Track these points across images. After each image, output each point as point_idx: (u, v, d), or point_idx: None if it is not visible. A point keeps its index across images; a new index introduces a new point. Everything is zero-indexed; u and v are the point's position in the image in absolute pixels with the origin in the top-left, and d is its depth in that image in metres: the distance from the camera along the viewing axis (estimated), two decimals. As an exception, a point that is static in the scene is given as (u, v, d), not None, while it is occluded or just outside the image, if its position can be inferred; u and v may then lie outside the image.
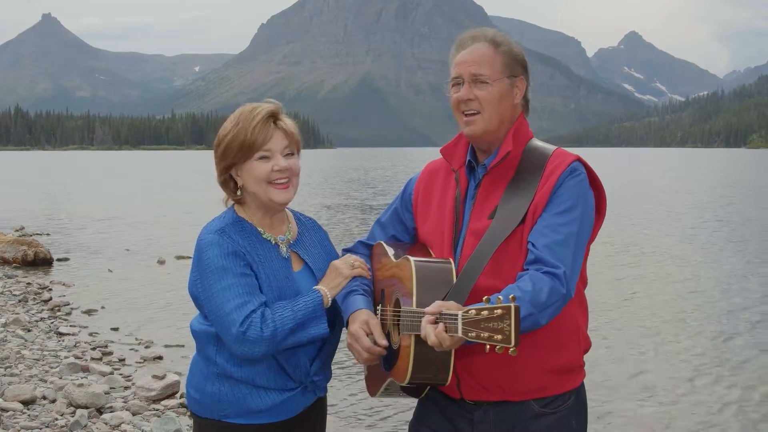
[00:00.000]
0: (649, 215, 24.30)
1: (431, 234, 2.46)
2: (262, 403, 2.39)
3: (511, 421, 2.34)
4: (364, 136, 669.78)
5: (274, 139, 2.38)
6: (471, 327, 1.96)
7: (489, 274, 2.25)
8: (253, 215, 2.47)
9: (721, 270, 14.01)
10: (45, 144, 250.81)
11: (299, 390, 2.44)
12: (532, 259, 2.24)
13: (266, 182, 2.38)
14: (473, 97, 2.34)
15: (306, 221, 2.65)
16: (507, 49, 2.39)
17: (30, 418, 5.88)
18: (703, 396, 7.03)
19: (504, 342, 1.92)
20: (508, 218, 2.28)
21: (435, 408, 2.47)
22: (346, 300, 2.46)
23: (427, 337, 2.08)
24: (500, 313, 1.93)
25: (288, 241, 2.50)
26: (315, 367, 2.47)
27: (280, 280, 2.40)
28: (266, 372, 2.39)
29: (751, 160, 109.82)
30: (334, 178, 50.06)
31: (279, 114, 2.43)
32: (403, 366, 2.26)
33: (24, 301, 10.74)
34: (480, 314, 1.95)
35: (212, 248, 2.35)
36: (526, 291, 2.13)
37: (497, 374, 2.30)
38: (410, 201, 2.58)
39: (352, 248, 2.66)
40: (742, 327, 9.57)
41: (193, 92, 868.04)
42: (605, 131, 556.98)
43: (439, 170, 2.55)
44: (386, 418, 6.30)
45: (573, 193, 2.29)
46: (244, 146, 2.37)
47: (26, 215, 24.05)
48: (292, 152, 2.43)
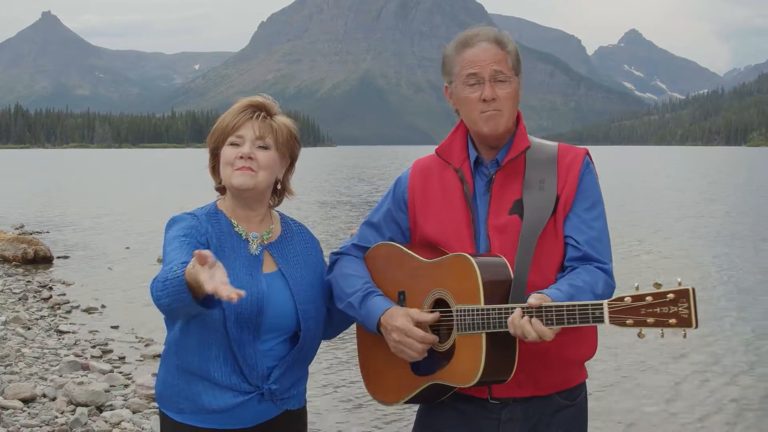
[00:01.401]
0: (646, 212, 24.30)
1: (441, 232, 2.43)
2: (215, 402, 2.37)
3: (537, 416, 2.36)
4: (363, 135, 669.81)
5: (246, 127, 2.42)
6: (627, 314, 1.97)
7: (532, 268, 2.27)
8: (228, 206, 2.50)
9: (720, 267, 14.00)
10: (45, 142, 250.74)
11: (255, 396, 2.39)
12: (579, 256, 2.30)
13: (231, 167, 2.42)
14: (496, 96, 2.34)
15: (295, 227, 2.63)
16: (513, 48, 2.42)
17: (30, 416, 5.89)
18: (703, 395, 7.04)
19: (682, 325, 1.92)
20: (537, 212, 2.30)
21: (452, 413, 2.42)
22: (365, 302, 2.41)
23: (525, 333, 2.08)
24: (673, 297, 1.92)
25: (263, 240, 2.49)
26: (275, 374, 2.41)
27: (241, 276, 2.38)
28: (222, 367, 2.37)
29: (751, 159, 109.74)
30: (339, 177, 50.04)
31: (267, 108, 2.47)
32: (465, 366, 2.22)
33: (24, 299, 10.75)
34: (642, 300, 1.95)
35: (175, 224, 2.42)
36: (587, 282, 2.21)
37: (532, 369, 2.31)
38: (403, 200, 2.54)
39: (344, 251, 2.59)
40: (742, 325, 9.57)
41: (193, 90, 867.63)
42: (605, 129, 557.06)
43: (431, 168, 2.52)
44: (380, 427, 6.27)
45: (595, 189, 2.39)
46: (220, 131, 2.45)
47: (26, 213, 24.05)
48: (267, 146, 2.44)
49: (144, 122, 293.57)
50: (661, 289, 1.95)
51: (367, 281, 2.47)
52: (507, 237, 2.32)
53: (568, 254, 2.32)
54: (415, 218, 2.51)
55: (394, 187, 2.59)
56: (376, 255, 2.54)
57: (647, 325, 1.95)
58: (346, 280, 2.48)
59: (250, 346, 2.37)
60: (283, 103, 2.43)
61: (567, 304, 2.07)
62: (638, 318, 1.96)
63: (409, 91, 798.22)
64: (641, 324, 1.96)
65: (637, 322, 1.96)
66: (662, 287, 1.95)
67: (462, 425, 2.40)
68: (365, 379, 2.56)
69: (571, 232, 2.32)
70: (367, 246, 2.57)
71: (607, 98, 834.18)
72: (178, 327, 2.42)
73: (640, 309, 1.96)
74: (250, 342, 2.37)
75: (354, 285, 2.46)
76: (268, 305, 2.38)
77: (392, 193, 2.58)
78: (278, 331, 2.43)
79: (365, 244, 2.58)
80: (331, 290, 2.52)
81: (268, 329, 2.40)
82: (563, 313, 2.06)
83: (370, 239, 2.57)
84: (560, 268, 2.33)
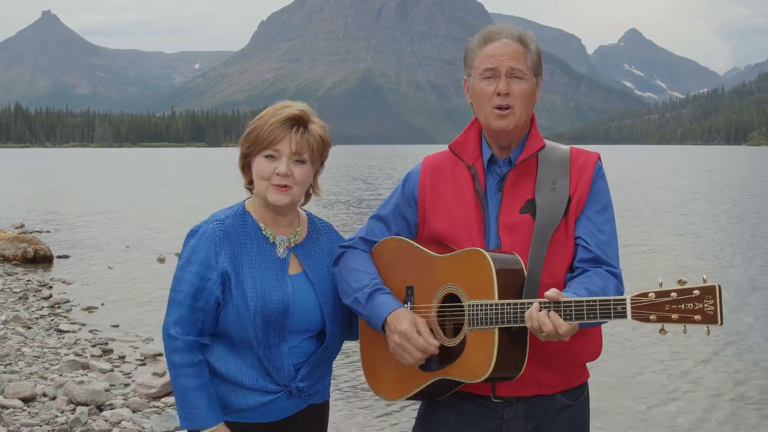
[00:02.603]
0: (646, 211, 24.30)
1: (450, 229, 2.42)
2: (244, 402, 2.43)
3: (539, 415, 2.36)
4: (363, 134, 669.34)
5: (284, 141, 2.40)
6: (650, 310, 1.97)
7: (544, 267, 2.29)
8: (257, 209, 2.51)
9: (719, 265, 14.00)
10: (45, 141, 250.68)
11: (283, 394, 2.45)
12: (590, 258, 2.31)
13: (266, 181, 2.42)
14: (510, 91, 2.35)
15: (321, 226, 2.64)
16: (534, 48, 2.41)
17: (30, 416, 5.89)
18: (703, 395, 7.04)
19: (707, 321, 1.94)
20: (550, 212, 2.31)
21: (453, 413, 2.42)
22: (372, 299, 2.40)
23: (542, 325, 2.08)
24: (698, 294, 1.92)
25: (289, 243, 2.50)
26: (302, 373, 2.47)
27: (267, 280, 2.41)
28: (249, 371, 2.42)
29: (751, 158, 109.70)
30: (338, 176, 50.06)
31: (305, 119, 2.44)
32: (476, 361, 2.21)
33: (24, 299, 10.75)
34: (666, 296, 1.95)
35: (194, 239, 2.44)
36: (600, 286, 2.22)
37: (538, 368, 2.30)
38: (413, 196, 2.53)
39: (351, 244, 2.58)
40: (742, 325, 9.57)
41: (193, 89, 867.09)
42: (605, 128, 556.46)
43: (443, 164, 2.52)
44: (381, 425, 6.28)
45: (606, 193, 2.41)
46: (256, 140, 2.43)
47: (26, 212, 24.07)
48: (303, 161, 2.43)
49: (144, 121, 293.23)
50: (687, 286, 1.94)
51: (374, 277, 2.46)
52: (518, 236, 2.33)
53: (578, 255, 2.33)
54: (424, 214, 2.50)
55: (404, 182, 2.57)
56: (383, 249, 2.53)
57: (671, 321, 1.95)
58: (353, 275, 2.47)
59: (275, 347, 2.41)
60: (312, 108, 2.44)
61: (587, 299, 2.07)
62: (662, 314, 1.96)
63: (409, 91, 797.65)
64: (665, 320, 1.96)
65: (660, 318, 1.96)
66: (687, 284, 1.95)
67: (464, 424, 2.39)
68: (367, 375, 2.55)
69: (582, 234, 2.33)
70: (375, 240, 2.56)
71: (607, 97, 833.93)
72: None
73: (665, 305, 1.96)
74: (275, 344, 2.41)
75: (361, 280, 2.44)
76: (293, 307, 2.42)
77: (402, 188, 2.57)
78: (304, 332, 2.47)
79: (372, 237, 2.57)
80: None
81: (293, 330, 2.44)
82: (583, 308, 2.05)
83: (377, 233, 2.57)
84: (569, 269, 2.34)
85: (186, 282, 2.39)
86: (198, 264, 2.39)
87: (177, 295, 2.40)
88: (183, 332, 2.37)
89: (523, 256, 2.27)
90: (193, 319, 2.38)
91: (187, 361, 2.37)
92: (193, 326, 2.39)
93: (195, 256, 2.40)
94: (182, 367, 2.37)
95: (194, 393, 2.37)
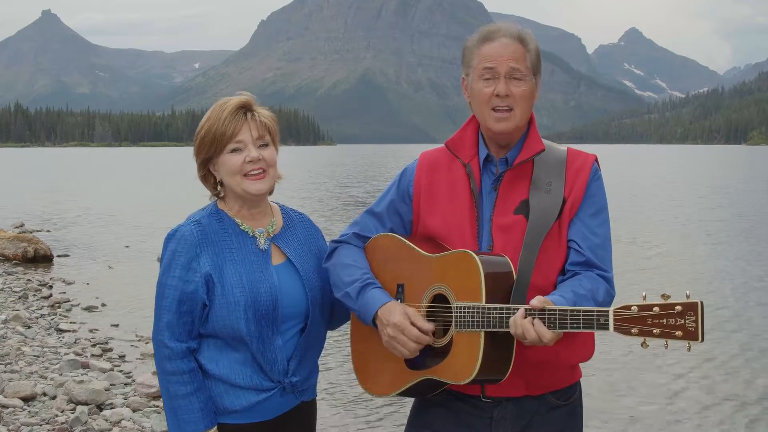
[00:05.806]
0: (646, 211, 24.30)
1: (444, 227, 2.40)
2: (237, 402, 2.41)
3: (528, 415, 2.35)
4: (363, 133, 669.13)
5: (243, 130, 2.39)
6: (632, 323, 1.97)
7: (535, 269, 2.26)
8: (231, 208, 2.48)
9: (720, 264, 14.00)
10: (45, 141, 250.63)
11: (277, 391, 2.44)
12: (582, 261, 2.29)
13: (240, 174, 2.40)
14: (510, 93, 2.32)
15: (294, 216, 2.63)
16: (534, 47, 2.37)
17: (30, 415, 5.89)
18: (701, 395, 7.05)
19: (688, 338, 1.93)
20: (543, 214, 2.29)
21: (444, 411, 2.42)
22: (363, 294, 2.39)
23: (525, 332, 2.07)
24: (681, 310, 1.91)
25: (268, 234, 2.50)
26: (292, 365, 2.46)
27: (252, 273, 2.40)
28: (242, 369, 2.41)
29: (751, 157, 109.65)
30: (338, 176, 50.04)
31: (251, 105, 2.43)
32: (461, 363, 2.20)
33: (24, 298, 10.76)
34: (648, 310, 1.94)
35: (173, 243, 2.43)
36: (589, 290, 2.21)
37: (524, 370, 2.29)
38: (408, 193, 2.51)
39: (344, 240, 2.56)
40: (741, 325, 9.58)
41: (193, 89, 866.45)
42: (605, 128, 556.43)
43: (439, 162, 2.50)
44: (376, 421, 6.28)
45: (601, 196, 2.39)
46: (215, 139, 2.39)
47: (26, 212, 24.05)
48: (266, 143, 2.43)
49: (144, 121, 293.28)
50: (669, 301, 1.93)
51: (366, 272, 2.44)
52: (511, 236, 2.31)
53: (570, 258, 2.31)
54: (418, 212, 2.48)
55: (400, 178, 2.56)
56: (376, 245, 2.52)
57: (652, 336, 1.95)
58: (345, 270, 2.45)
59: (269, 341, 2.40)
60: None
61: (572, 308, 2.07)
62: (643, 328, 1.95)
63: (409, 90, 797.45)
64: (646, 334, 1.95)
65: (642, 332, 1.96)
66: (670, 299, 1.94)
67: (454, 423, 2.39)
68: (357, 371, 2.55)
69: (574, 237, 2.31)
70: (368, 236, 2.54)
71: (608, 97, 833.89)
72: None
73: (647, 319, 1.95)
74: (269, 337, 2.40)
75: (352, 275, 2.43)
76: (281, 296, 2.42)
77: (397, 185, 2.55)
78: (293, 319, 2.46)
79: (366, 233, 2.55)
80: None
81: (284, 319, 2.43)
82: (567, 317, 2.06)
83: (371, 229, 2.55)
84: (561, 271, 2.32)
85: (170, 287, 2.38)
86: (180, 268, 2.38)
87: (163, 301, 2.39)
88: (173, 338, 2.37)
89: (515, 257, 2.25)
90: (181, 322, 2.37)
91: (178, 369, 2.36)
92: (182, 330, 2.38)
93: (176, 261, 2.39)
94: (174, 374, 2.36)
95: (186, 399, 2.36)
